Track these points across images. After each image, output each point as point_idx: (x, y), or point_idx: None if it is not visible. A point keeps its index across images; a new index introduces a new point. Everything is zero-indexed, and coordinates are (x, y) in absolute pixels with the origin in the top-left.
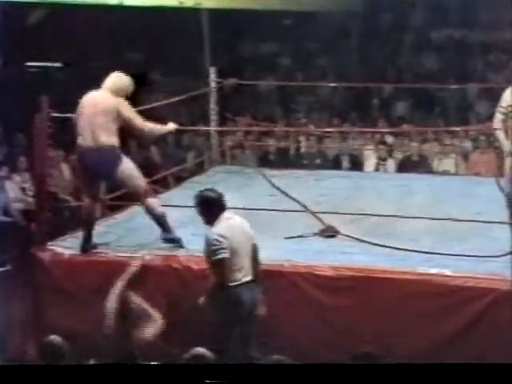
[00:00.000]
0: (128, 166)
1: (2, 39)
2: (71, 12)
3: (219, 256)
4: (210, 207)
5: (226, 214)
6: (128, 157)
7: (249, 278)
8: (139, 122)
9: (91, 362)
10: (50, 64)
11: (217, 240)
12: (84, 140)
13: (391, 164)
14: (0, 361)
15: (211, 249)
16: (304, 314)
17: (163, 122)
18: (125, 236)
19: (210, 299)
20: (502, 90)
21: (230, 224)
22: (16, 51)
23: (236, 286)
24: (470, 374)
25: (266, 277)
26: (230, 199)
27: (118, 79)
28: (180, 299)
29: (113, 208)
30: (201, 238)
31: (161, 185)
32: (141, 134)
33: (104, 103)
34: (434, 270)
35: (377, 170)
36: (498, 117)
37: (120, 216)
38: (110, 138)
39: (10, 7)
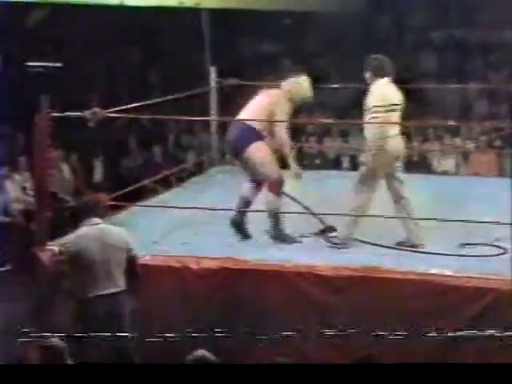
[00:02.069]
0: (261, 150)
1: (1, 39)
2: (71, 11)
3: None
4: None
5: (89, 222)
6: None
7: (107, 291)
8: (279, 128)
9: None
10: (50, 64)
11: (60, 248)
12: (236, 118)
13: None
14: (0, 361)
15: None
16: (304, 313)
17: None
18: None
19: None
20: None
21: (85, 232)
22: (16, 51)
23: (85, 298)
24: (470, 373)
25: (266, 276)
26: (230, 199)
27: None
28: (180, 299)
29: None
30: (201, 237)
31: (163, 185)
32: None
33: (266, 98)
34: (434, 270)
35: None
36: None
37: (120, 216)
38: (253, 122)
39: (10, 7)
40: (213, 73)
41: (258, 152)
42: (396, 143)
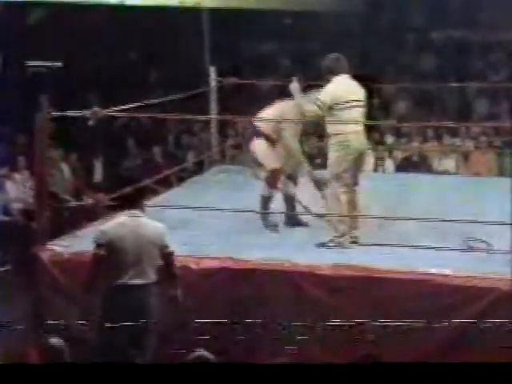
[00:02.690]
0: (261, 144)
1: (2, 38)
2: (72, 11)
3: (94, 251)
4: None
5: (126, 213)
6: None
7: (134, 281)
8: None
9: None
10: (50, 63)
11: (97, 236)
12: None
13: (390, 164)
14: (0, 361)
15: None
16: (304, 313)
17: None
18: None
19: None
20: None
21: (120, 222)
22: (16, 50)
23: (113, 286)
24: (470, 373)
25: (266, 276)
26: (230, 199)
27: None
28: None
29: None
30: (201, 237)
31: (164, 184)
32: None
33: (277, 109)
34: (434, 270)
35: (375, 169)
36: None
37: (120, 215)
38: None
39: (10, 7)
40: (212, 72)
41: (259, 146)
42: (357, 139)
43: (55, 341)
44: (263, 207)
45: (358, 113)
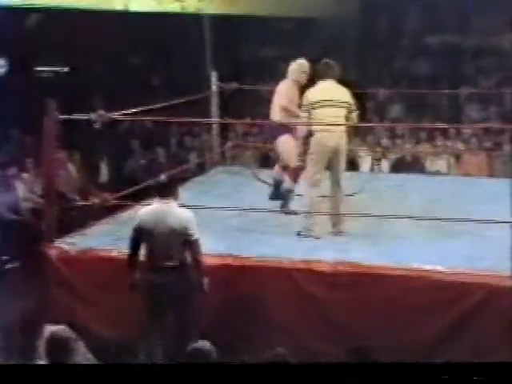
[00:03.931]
0: (285, 141)
1: (10, 44)
2: (77, 17)
3: (130, 236)
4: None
5: (159, 201)
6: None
7: (166, 263)
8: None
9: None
10: (57, 68)
11: (135, 223)
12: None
13: (385, 164)
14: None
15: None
16: (302, 308)
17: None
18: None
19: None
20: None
21: (153, 209)
22: (24, 55)
23: (147, 268)
24: (470, 373)
25: (265, 272)
26: (230, 198)
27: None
28: None
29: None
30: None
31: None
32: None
33: (277, 93)
34: (428, 266)
35: (371, 170)
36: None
37: (125, 214)
38: (275, 115)
39: (17, 12)
40: (214, 77)
41: (284, 143)
42: (332, 137)
43: (63, 332)
44: (285, 198)
45: (337, 113)
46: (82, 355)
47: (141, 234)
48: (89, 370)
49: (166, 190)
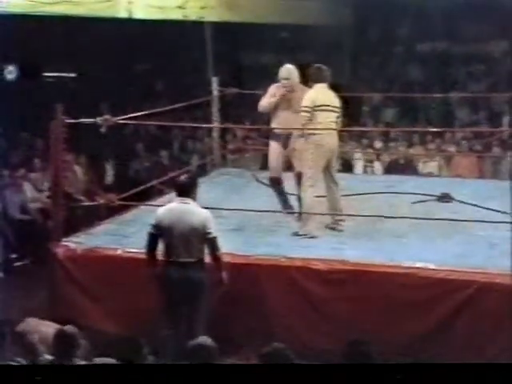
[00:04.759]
0: (271, 149)
1: (19, 50)
2: (83, 24)
3: (148, 231)
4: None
5: (177, 199)
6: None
7: (183, 259)
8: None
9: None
10: (64, 74)
11: (154, 219)
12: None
13: (378, 167)
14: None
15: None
16: (300, 304)
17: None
18: (134, 233)
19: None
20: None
21: (171, 207)
22: (32, 62)
23: (165, 262)
24: (470, 373)
25: (264, 270)
26: (231, 199)
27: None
28: None
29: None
30: None
31: (169, 185)
32: None
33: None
34: (419, 264)
35: (365, 172)
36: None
37: (130, 215)
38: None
39: (24, 19)
40: (215, 83)
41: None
42: (331, 139)
43: (69, 330)
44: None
45: (332, 117)
46: (86, 353)
47: (160, 231)
48: (89, 370)
49: (186, 190)
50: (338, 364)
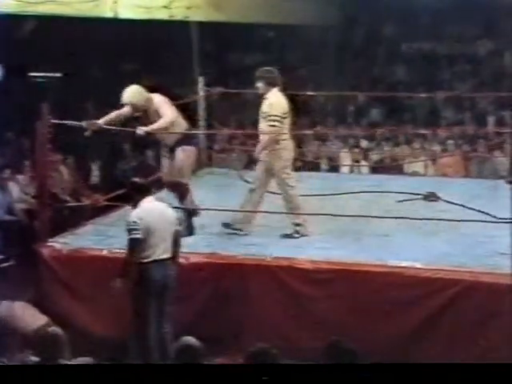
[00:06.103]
0: (182, 156)
1: (5, 50)
2: (69, 24)
3: (132, 236)
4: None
5: (148, 199)
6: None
7: (163, 256)
8: None
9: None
10: (50, 74)
11: (133, 222)
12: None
13: (365, 166)
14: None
15: (127, 229)
16: (286, 304)
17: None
18: (120, 234)
19: (124, 277)
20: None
21: (149, 207)
22: (18, 62)
23: (147, 262)
24: (470, 373)
25: (250, 270)
26: (216, 198)
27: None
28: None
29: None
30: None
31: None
32: None
33: None
34: (405, 263)
35: (351, 171)
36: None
37: (115, 215)
38: None
39: (10, 18)
40: (201, 82)
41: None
42: (288, 146)
43: (54, 331)
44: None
45: (288, 122)
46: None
47: (144, 234)
48: (88, 370)
49: (150, 190)
50: (325, 364)
